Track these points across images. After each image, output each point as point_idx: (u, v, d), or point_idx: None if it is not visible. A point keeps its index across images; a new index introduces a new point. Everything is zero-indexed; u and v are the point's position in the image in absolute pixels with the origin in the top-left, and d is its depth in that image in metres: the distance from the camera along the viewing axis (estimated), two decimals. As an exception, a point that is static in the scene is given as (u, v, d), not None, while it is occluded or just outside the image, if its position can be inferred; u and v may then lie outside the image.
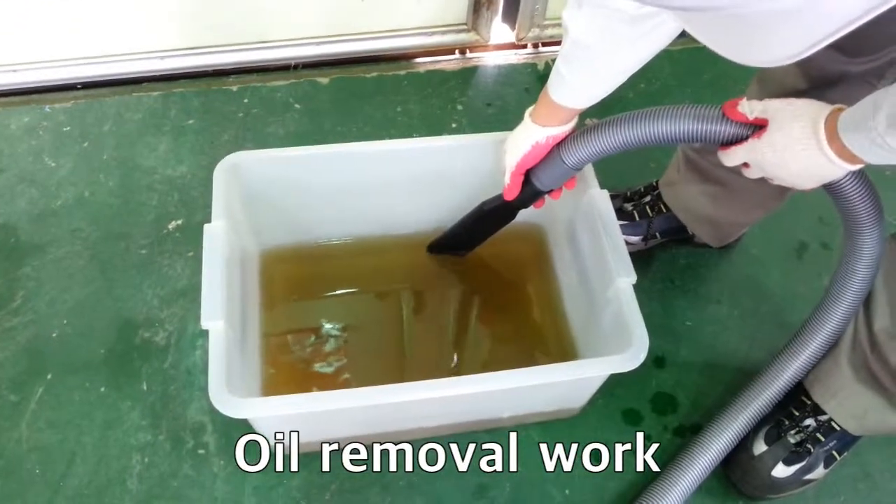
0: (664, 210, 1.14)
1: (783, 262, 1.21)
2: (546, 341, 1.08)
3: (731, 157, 0.73)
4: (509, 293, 1.13)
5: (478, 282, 1.13)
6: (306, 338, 1.05)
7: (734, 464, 0.98)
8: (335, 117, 1.33)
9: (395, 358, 1.06)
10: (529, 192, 0.90)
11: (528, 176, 0.88)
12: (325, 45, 1.41)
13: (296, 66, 1.41)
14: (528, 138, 0.84)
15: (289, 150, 0.97)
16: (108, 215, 1.18)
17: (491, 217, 1.00)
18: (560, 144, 0.83)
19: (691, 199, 1.10)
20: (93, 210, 1.18)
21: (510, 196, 0.91)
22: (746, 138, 0.71)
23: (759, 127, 0.70)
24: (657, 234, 1.15)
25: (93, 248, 1.14)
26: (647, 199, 1.15)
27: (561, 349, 1.06)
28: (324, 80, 1.39)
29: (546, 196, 0.91)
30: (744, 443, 0.97)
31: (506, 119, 1.35)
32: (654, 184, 1.16)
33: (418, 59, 1.45)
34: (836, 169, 0.66)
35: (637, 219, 1.14)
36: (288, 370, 1.02)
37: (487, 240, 1.07)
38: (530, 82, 1.43)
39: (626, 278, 0.87)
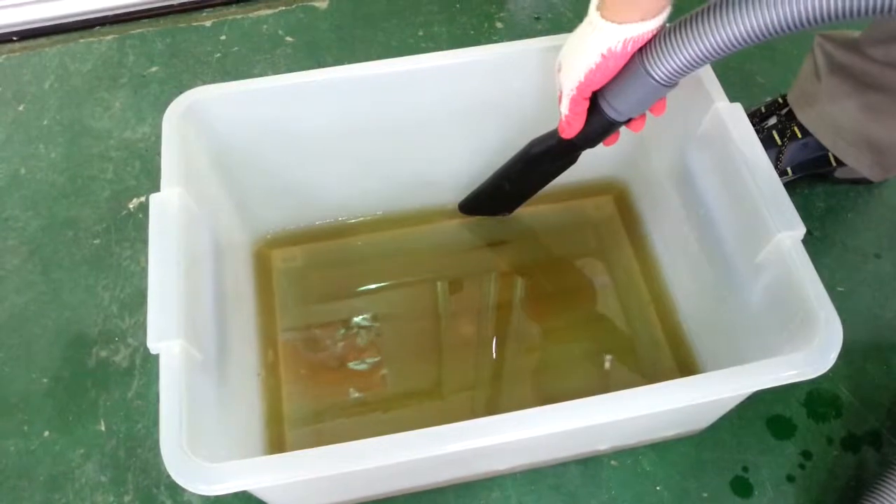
0: (799, 135, 0.82)
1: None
2: (634, 335, 0.78)
3: None
4: (575, 270, 0.84)
5: (535, 255, 0.84)
6: (325, 352, 0.77)
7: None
8: (338, 50, 1.03)
9: (433, 362, 0.78)
10: (598, 125, 0.60)
11: (595, 100, 0.59)
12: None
13: (286, -9, 1.11)
14: (595, 45, 0.53)
15: (271, 80, 0.67)
16: (51, 197, 0.89)
17: (541, 162, 0.71)
18: (643, 51, 0.53)
19: (843, 116, 0.79)
20: (30, 191, 0.90)
21: (570, 132, 0.61)
22: None
23: None
24: (789, 168, 0.84)
25: (31, 241, 0.86)
26: (773, 121, 0.84)
27: (667, 343, 0.77)
28: (322, 5, 1.09)
29: (622, 128, 0.61)
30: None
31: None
32: (780, 100, 0.85)
33: (441, -30, 1.14)
34: None
35: (760, 149, 0.83)
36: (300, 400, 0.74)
37: (538, 194, 0.79)
38: (587, -12, 1.11)
39: (790, 232, 0.57)
